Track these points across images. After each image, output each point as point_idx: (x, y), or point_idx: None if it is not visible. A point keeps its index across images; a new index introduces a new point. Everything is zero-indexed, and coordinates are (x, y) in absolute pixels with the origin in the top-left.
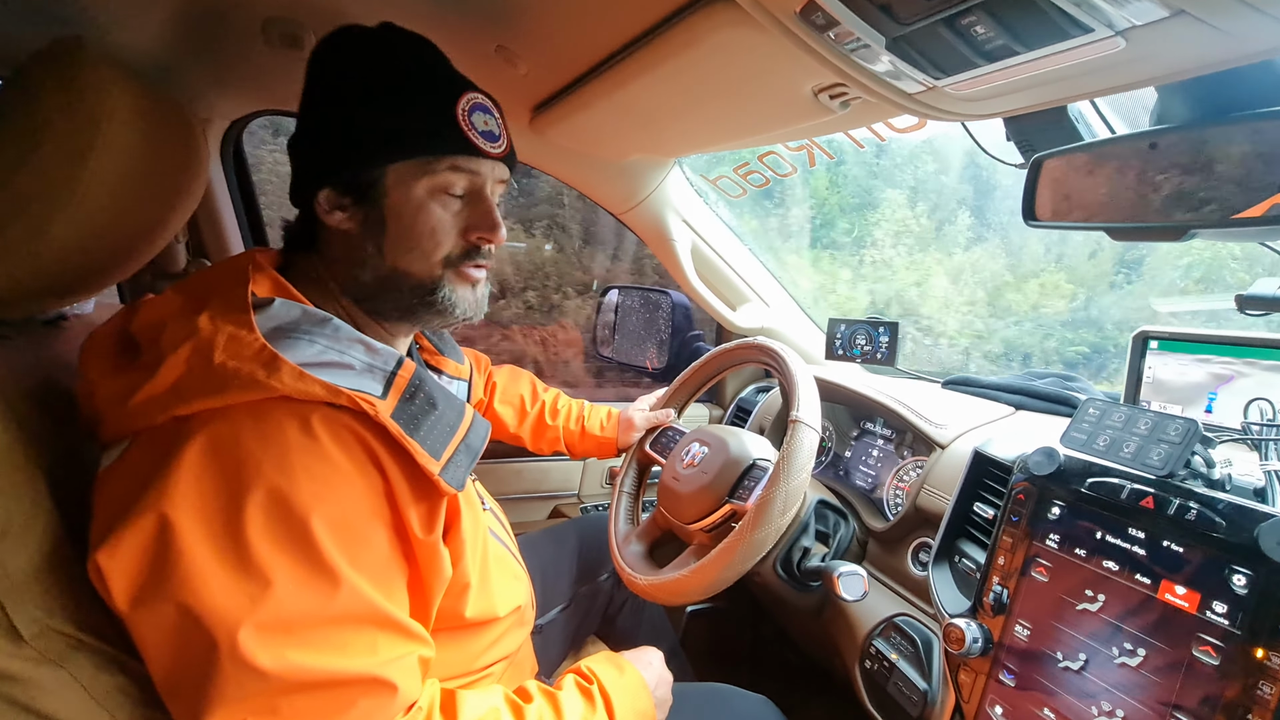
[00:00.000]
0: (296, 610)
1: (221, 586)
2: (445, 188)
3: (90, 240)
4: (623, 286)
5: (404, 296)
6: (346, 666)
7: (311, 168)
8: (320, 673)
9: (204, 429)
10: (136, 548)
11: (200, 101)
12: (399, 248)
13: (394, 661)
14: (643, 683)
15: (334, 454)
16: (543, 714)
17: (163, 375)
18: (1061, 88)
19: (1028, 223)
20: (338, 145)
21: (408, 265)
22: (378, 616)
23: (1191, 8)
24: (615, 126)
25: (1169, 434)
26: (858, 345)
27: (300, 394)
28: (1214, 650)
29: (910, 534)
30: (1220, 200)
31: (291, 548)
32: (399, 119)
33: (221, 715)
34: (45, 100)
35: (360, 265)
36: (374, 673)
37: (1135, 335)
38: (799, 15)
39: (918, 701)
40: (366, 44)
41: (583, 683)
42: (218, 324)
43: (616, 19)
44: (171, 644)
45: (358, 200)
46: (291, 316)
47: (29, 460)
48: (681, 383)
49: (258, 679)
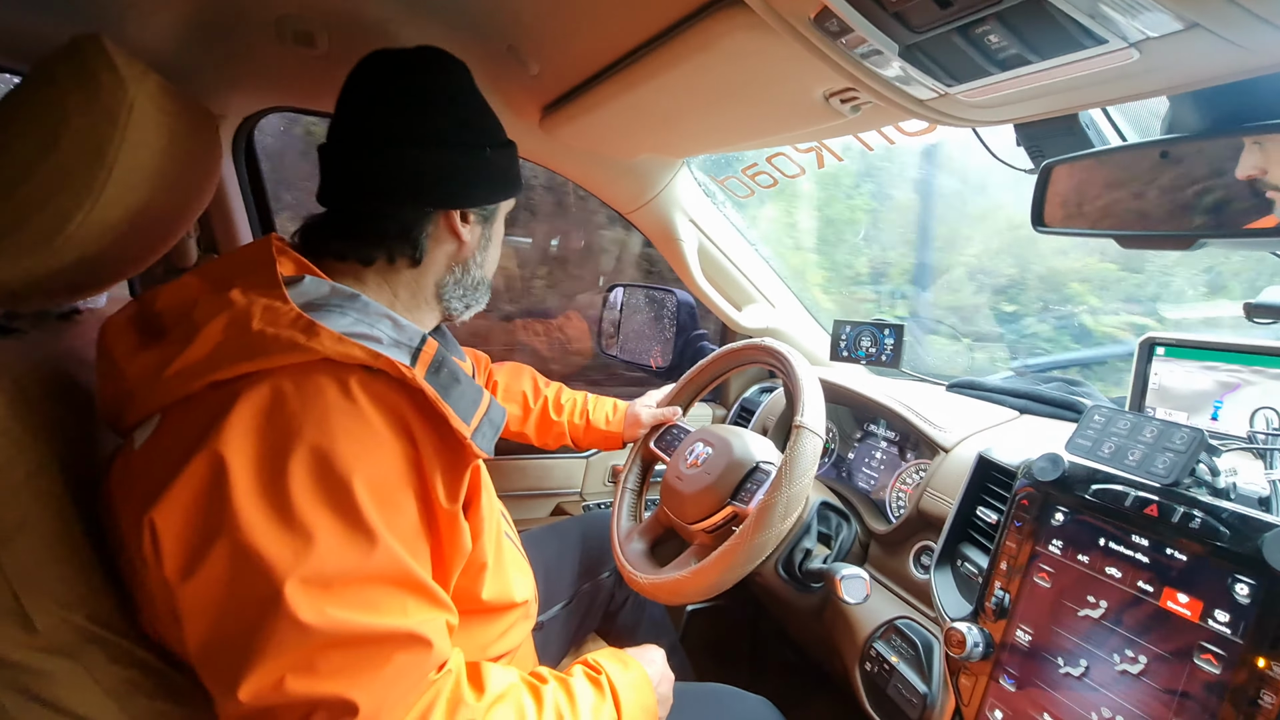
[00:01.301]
0: (337, 567)
1: (270, 538)
2: None
3: (107, 235)
4: (628, 285)
5: (477, 293)
6: (383, 623)
7: (456, 189)
8: (358, 628)
9: (245, 392)
10: (189, 495)
11: (214, 98)
12: (489, 259)
13: (426, 622)
14: (647, 678)
15: (372, 417)
16: (557, 697)
17: (199, 344)
18: (1073, 96)
19: (1036, 229)
20: (496, 178)
21: (488, 273)
22: (410, 579)
23: (1206, 21)
24: (625, 127)
25: (1174, 442)
26: (862, 347)
27: (341, 356)
28: (1215, 659)
29: (912, 537)
30: (1231, 210)
31: (333, 505)
32: (515, 162)
33: (261, 673)
34: (65, 96)
35: (464, 269)
36: (410, 629)
37: (1141, 341)
38: (813, 21)
39: (917, 704)
40: (468, 79)
41: (591, 673)
42: (251, 297)
43: (629, 21)
44: (219, 600)
45: (479, 220)
46: (321, 292)
47: (44, 453)
48: (688, 381)
49: (299, 633)
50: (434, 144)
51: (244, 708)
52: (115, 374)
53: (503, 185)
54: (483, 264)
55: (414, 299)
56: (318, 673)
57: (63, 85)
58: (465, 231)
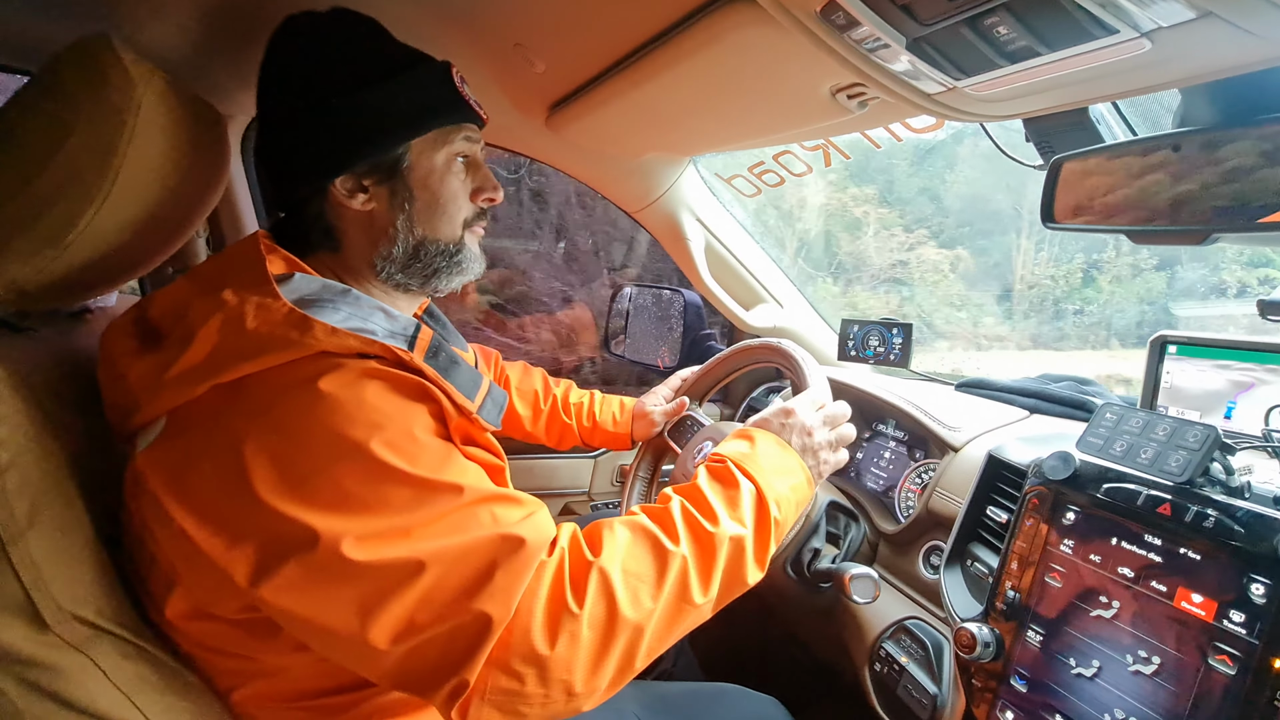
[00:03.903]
0: (399, 520)
1: (311, 516)
2: (458, 155)
3: (116, 235)
4: (636, 285)
5: (432, 261)
6: (467, 539)
7: (317, 161)
8: (446, 551)
9: (249, 391)
10: (220, 497)
11: (222, 97)
12: (427, 216)
13: (509, 524)
14: (776, 443)
15: (381, 394)
16: (686, 509)
17: (196, 347)
18: (1084, 89)
19: (1046, 225)
20: (355, 131)
21: (436, 232)
22: (470, 494)
23: (1219, 9)
24: (631, 125)
25: (1187, 440)
26: (870, 346)
27: (337, 347)
28: (1231, 660)
29: (922, 537)
30: (1244, 204)
31: (359, 469)
32: (414, 95)
33: (385, 622)
34: (73, 96)
35: (389, 241)
36: (497, 534)
37: (1153, 340)
38: (819, 15)
39: (927, 705)
40: (335, 28)
41: (714, 465)
42: (243, 296)
43: (635, 18)
44: (303, 588)
45: (381, 180)
46: (312, 288)
47: (55, 450)
48: (705, 372)
49: (390, 575)
50: (288, 116)
51: (391, 655)
52: (118, 379)
53: (378, 132)
54: (414, 225)
55: (363, 284)
56: (435, 600)
57: (71, 85)
58: (360, 200)
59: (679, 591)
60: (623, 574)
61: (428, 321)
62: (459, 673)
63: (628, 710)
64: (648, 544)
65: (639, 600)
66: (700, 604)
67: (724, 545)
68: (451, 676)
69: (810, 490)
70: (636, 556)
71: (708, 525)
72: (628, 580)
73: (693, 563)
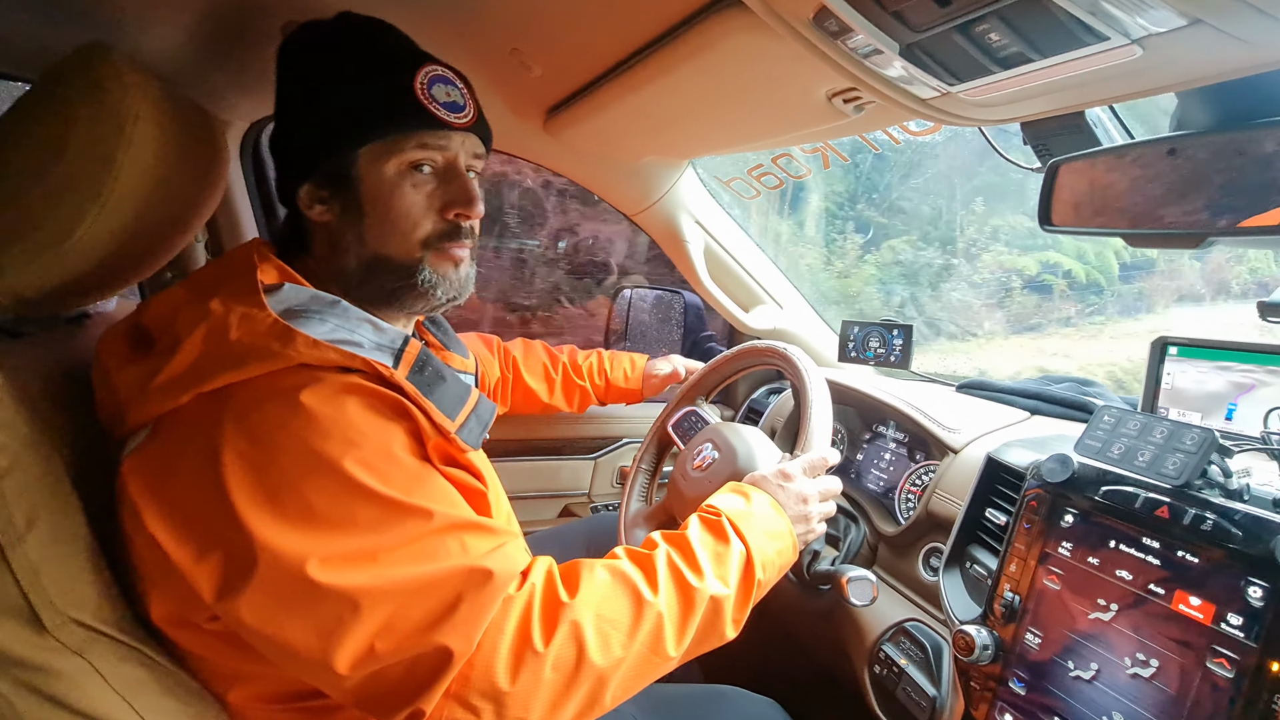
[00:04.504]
0: (358, 540)
1: (283, 534)
2: (414, 164)
3: (114, 240)
4: (635, 286)
5: (386, 280)
6: (430, 569)
7: (291, 165)
8: (409, 580)
9: (228, 402)
10: (193, 510)
11: (220, 103)
12: (377, 232)
13: (478, 555)
14: (770, 504)
15: (358, 410)
16: (670, 556)
17: (181, 356)
18: (1078, 94)
19: (1044, 227)
20: (311, 138)
21: (388, 249)
22: (439, 523)
23: (1208, 17)
24: (629, 129)
25: (1185, 443)
26: (871, 348)
27: (317, 360)
28: (1229, 663)
29: (921, 539)
30: (1239, 207)
31: (333, 487)
32: (358, 101)
33: (348, 646)
34: (72, 103)
35: (345, 254)
36: (464, 565)
37: (1154, 341)
38: (812, 21)
39: (926, 708)
40: (325, 35)
41: (708, 516)
42: (230, 306)
43: (630, 23)
44: (269, 605)
45: (334, 191)
46: (301, 299)
47: (53, 455)
48: (712, 369)
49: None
50: (276, 118)
51: (351, 679)
52: (108, 385)
53: (324, 140)
54: (365, 240)
55: (349, 295)
56: (397, 630)
57: (70, 93)
58: (317, 211)
59: (651, 644)
60: (595, 619)
61: (428, 328)
62: (415, 702)
63: (625, 712)
64: (626, 591)
65: (609, 647)
66: (672, 657)
67: (703, 603)
68: (408, 705)
69: (794, 556)
70: (613, 602)
71: (692, 579)
72: (600, 626)
73: (669, 616)
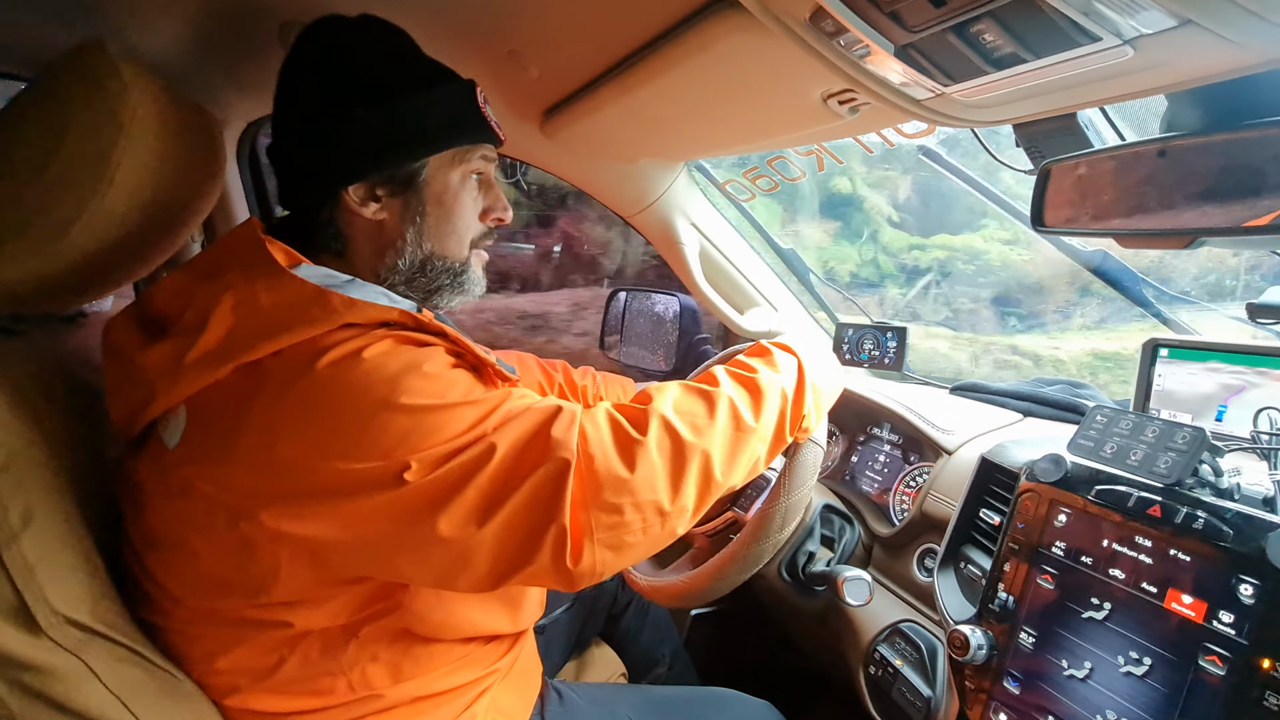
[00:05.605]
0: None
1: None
2: (473, 173)
3: (111, 239)
4: (630, 289)
5: (436, 277)
6: (516, 414)
7: (334, 166)
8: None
9: (274, 369)
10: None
11: (217, 102)
12: (437, 233)
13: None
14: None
15: (403, 348)
16: (727, 368)
17: (212, 330)
18: (1070, 95)
19: (1036, 229)
20: (374, 140)
21: (444, 249)
22: (516, 395)
23: (1199, 17)
24: (625, 130)
25: (1176, 442)
26: (865, 350)
27: (359, 317)
28: (1220, 660)
29: (916, 540)
30: (1230, 208)
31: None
32: (440, 112)
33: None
34: (69, 101)
35: (395, 252)
36: (543, 405)
37: (1145, 343)
38: (808, 22)
39: (921, 708)
40: (364, 35)
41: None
42: (250, 277)
43: (627, 24)
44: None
45: (395, 191)
46: (316, 275)
47: (50, 454)
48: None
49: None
50: (307, 120)
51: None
52: (131, 370)
53: (400, 144)
54: (423, 240)
55: None
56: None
57: (67, 91)
58: (372, 209)
59: (732, 421)
60: (675, 412)
61: None
62: (554, 519)
63: (621, 713)
64: (694, 392)
65: (697, 428)
66: (755, 426)
67: (769, 386)
68: (548, 526)
69: (833, 398)
70: (685, 400)
71: (748, 374)
72: (681, 416)
73: (739, 399)
